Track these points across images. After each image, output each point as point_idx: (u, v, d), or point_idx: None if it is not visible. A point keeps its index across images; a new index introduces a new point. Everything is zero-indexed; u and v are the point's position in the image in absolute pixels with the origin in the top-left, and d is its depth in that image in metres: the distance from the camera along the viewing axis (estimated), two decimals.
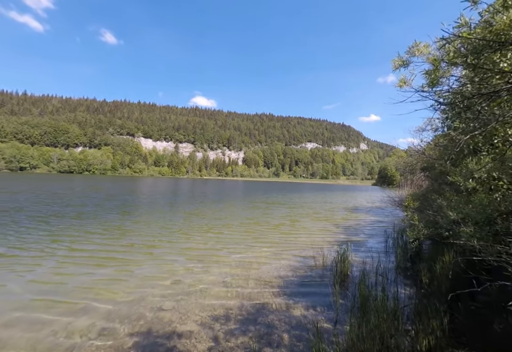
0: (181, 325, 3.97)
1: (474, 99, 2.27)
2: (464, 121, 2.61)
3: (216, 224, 11.83)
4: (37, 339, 3.52)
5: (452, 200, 3.04)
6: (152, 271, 6.07)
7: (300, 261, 6.90)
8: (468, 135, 2.26)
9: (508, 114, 2.45)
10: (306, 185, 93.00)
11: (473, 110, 2.39)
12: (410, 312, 4.17)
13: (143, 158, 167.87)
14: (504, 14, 1.54)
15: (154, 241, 8.60)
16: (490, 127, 2.80)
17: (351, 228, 11.77)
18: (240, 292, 5.08)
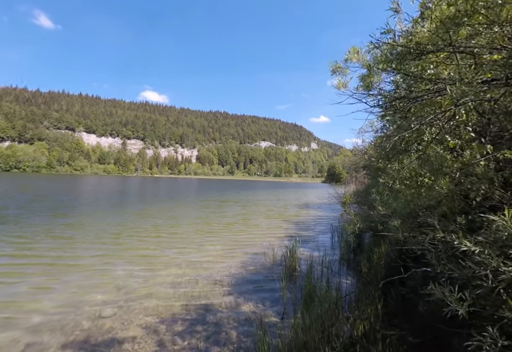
0: (123, 331, 3.71)
1: (402, 102, 2.52)
2: (392, 123, 2.87)
3: (164, 224, 11.33)
4: None
5: (384, 195, 3.33)
6: (90, 277, 5.56)
7: (250, 258, 6.95)
8: (396, 136, 2.47)
9: (429, 117, 2.74)
10: (260, 183, 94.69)
11: (401, 113, 2.65)
12: (351, 300, 4.48)
13: (85, 154, 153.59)
14: (421, 25, 1.70)
15: (92, 244, 7.89)
16: (415, 128, 3.13)
17: (301, 224, 12.27)
18: (189, 292, 4.93)
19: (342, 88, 2.54)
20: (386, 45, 1.79)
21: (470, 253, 1.57)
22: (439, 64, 2.68)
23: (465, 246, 1.56)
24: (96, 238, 8.63)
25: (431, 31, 1.76)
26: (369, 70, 2.31)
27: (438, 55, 2.43)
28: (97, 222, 11.25)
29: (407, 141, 3.63)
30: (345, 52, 2.76)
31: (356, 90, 2.54)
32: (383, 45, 1.81)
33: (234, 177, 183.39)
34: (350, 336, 3.23)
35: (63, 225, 10.44)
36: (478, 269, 1.49)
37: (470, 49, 1.89)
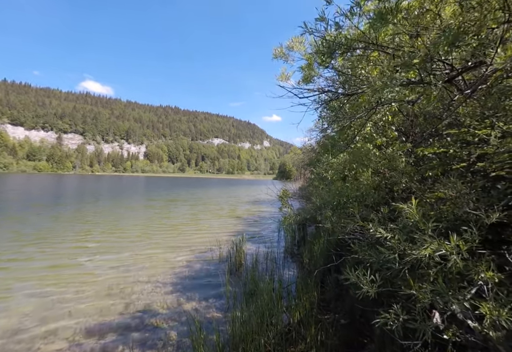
0: (47, 345, 3.33)
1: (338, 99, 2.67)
2: (326, 119, 3.03)
3: (101, 227, 10.46)
4: None
5: (320, 188, 3.51)
6: (22, 277, 4.86)
7: (197, 257, 6.79)
8: (326, 132, 2.59)
9: (359, 115, 2.93)
10: (212, 180, 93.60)
11: (335, 110, 2.81)
12: (292, 290, 4.65)
13: (9, 150, 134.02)
14: (350, 20, 1.79)
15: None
16: (347, 125, 3.34)
17: (250, 220, 12.41)
18: (127, 297, 4.60)
19: (284, 80, 2.55)
20: (318, 32, 1.83)
21: (383, 240, 1.71)
22: (369, 63, 2.88)
23: (379, 233, 1.70)
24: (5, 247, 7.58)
25: (357, 26, 1.86)
26: (309, 62, 2.36)
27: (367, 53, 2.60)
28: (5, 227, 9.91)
29: (346, 138, 3.87)
30: None
31: (297, 84, 2.58)
32: (314, 32, 1.85)
33: (186, 175, 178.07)
34: (288, 324, 3.35)
35: None
36: (388, 253, 1.63)
37: (392, 49, 2.06)
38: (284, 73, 2.81)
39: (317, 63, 2.69)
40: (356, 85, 2.78)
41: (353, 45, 1.95)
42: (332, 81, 2.83)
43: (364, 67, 2.68)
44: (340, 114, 2.76)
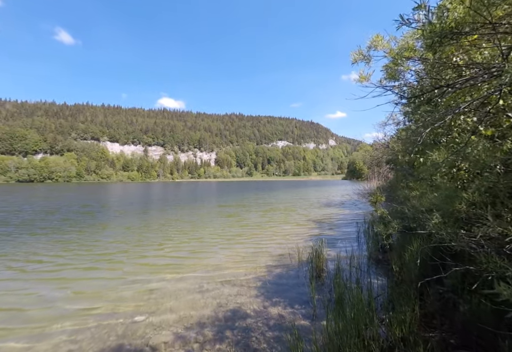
0: (155, 337, 3.76)
1: (432, 92, 2.34)
2: (422, 114, 2.70)
3: (187, 227, 11.53)
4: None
5: (417, 190, 3.14)
6: (120, 282, 5.72)
7: (275, 260, 6.87)
8: (428, 128, 2.31)
9: (463, 106, 2.54)
10: (279, 183, 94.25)
11: (431, 103, 2.47)
12: (383, 301, 4.28)
13: (110, 163, 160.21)
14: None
15: (118, 246, 8.15)
16: (448, 119, 2.93)
17: (324, 223, 12.02)
18: (216, 295, 4.93)
19: (364, 81, 2.41)
20: (418, 23, 1.65)
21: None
22: (470, 48, 2.48)
23: None
24: (121, 242, 8.91)
25: (469, 6, 1.60)
26: (394, 58, 2.17)
27: (468, 37, 2.25)
28: (126, 227, 11.65)
29: (436, 134, 3.41)
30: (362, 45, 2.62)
31: (380, 83, 2.40)
32: (413, 23, 1.66)
33: (253, 178, 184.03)
34: (387, 339, 3.08)
35: (87, 232, 10.91)
36: None
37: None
38: (363, 75, 2.65)
39: (402, 58, 2.44)
40: (455, 73, 2.42)
41: (463, 28, 1.68)
42: (424, 73, 2.51)
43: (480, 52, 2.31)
44: (440, 108, 2.42)
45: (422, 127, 2.61)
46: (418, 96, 2.43)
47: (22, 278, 5.99)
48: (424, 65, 2.44)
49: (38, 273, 6.26)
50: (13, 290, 5.35)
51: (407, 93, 2.50)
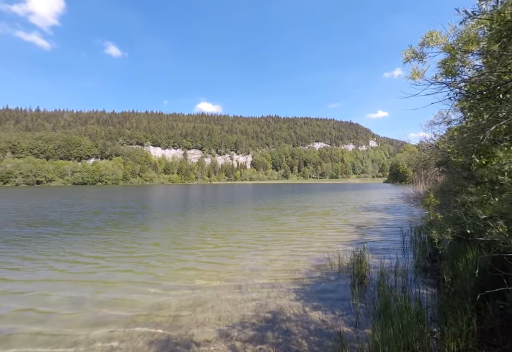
0: (198, 333, 3.93)
1: (497, 87, 2.16)
2: (486, 111, 2.47)
3: (223, 230, 11.81)
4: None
5: (476, 195, 2.89)
6: (168, 275, 6.07)
7: (315, 264, 6.76)
8: (493, 126, 2.13)
9: None
10: (316, 185, 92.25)
11: (494, 99, 2.27)
12: (434, 313, 4.00)
13: (152, 166, 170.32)
14: None
15: (169, 245, 8.62)
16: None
17: (366, 228, 11.53)
18: (256, 297, 5.00)
19: (417, 78, 2.30)
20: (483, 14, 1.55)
21: None
22: None
23: None
24: (170, 240, 9.41)
25: None
26: (451, 53, 2.05)
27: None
28: (170, 227, 12.31)
29: (497, 132, 3.11)
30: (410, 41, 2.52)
31: (434, 79, 2.28)
32: (480, 15, 1.57)
33: (289, 181, 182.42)
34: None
35: (139, 228, 11.68)
36: None
37: None
38: (415, 71, 2.53)
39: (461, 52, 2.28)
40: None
41: None
42: (487, 68, 2.31)
43: None
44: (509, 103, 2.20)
45: (485, 125, 2.42)
46: (481, 92, 2.25)
47: (61, 278, 6.19)
48: (488, 59, 2.26)
49: (77, 274, 6.44)
50: (50, 290, 5.59)
51: (466, 89, 2.32)
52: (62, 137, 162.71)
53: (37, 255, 7.96)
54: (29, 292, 5.42)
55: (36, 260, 7.57)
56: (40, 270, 6.73)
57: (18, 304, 4.91)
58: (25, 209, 21.31)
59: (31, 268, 6.90)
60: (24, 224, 13.28)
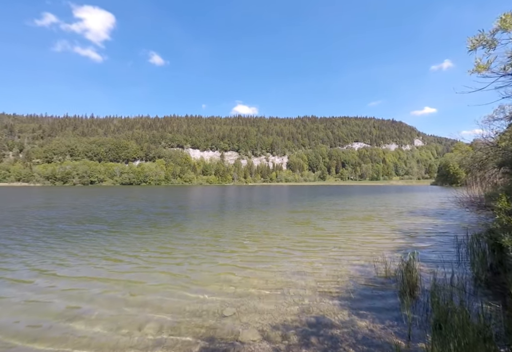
0: (243, 333, 3.99)
1: None
2: None
3: (259, 233, 11.84)
4: (114, 339, 3.84)
5: None
6: (207, 277, 6.25)
7: (359, 270, 6.49)
8: None
9: None
10: (355, 188, 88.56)
11: None
12: (500, 331, 3.61)
13: (192, 167, 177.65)
14: None
15: (208, 245, 8.91)
16: None
17: (414, 234, 10.77)
18: (298, 302, 4.94)
19: (482, 71, 2.10)
20: None
21: None
22: None
23: None
24: (209, 239, 9.72)
25: None
26: None
27: None
28: (205, 226, 12.71)
29: None
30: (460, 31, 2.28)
31: (503, 71, 2.05)
32: None
33: (326, 183, 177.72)
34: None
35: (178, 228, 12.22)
36: None
37: None
38: (480, 63, 2.29)
39: None
40: None
41: None
42: None
43: None
44: None
45: None
46: None
47: (98, 276, 6.41)
48: None
49: (113, 273, 6.61)
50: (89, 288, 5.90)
51: None
52: (112, 141, 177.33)
53: (81, 252, 8.44)
54: (70, 289, 5.81)
55: (79, 256, 8.04)
56: (82, 266, 7.11)
57: (62, 300, 5.35)
58: (77, 206, 23.58)
59: (75, 264, 7.31)
60: (73, 221, 14.63)
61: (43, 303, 5.03)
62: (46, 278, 6.25)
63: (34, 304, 4.99)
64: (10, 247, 9.10)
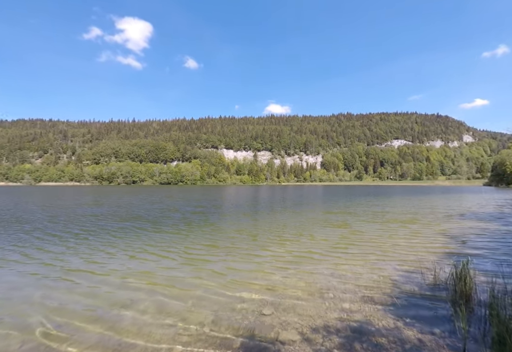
0: (283, 333, 3.98)
1: None
2: None
3: (296, 232, 11.70)
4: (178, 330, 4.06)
5: None
6: (245, 275, 6.34)
7: (404, 276, 6.13)
8: None
9: None
10: (395, 188, 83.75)
11: None
12: None
13: (226, 167, 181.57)
14: None
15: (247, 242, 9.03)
16: None
17: (466, 239, 9.88)
18: (339, 304, 4.81)
19: None
20: None
21: None
22: None
23: None
24: (245, 239, 9.85)
25: None
26: None
27: None
28: (247, 224, 12.90)
29: None
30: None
31: None
32: None
33: (363, 183, 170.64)
34: None
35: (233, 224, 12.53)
36: None
37: None
38: None
39: None
40: None
41: None
42: None
43: None
44: None
45: None
46: None
47: (142, 270, 6.75)
48: None
49: (155, 268, 6.87)
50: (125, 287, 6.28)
51: None
52: (151, 143, 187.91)
53: (126, 247, 9.03)
54: (119, 280, 6.32)
55: (124, 250, 8.64)
56: (128, 260, 7.60)
57: (113, 289, 5.81)
58: (121, 204, 25.33)
59: (121, 257, 7.94)
60: (118, 218, 15.70)
61: (98, 290, 5.52)
62: (99, 268, 6.84)
63: (92, 290, 5.48)
64: (65, 239, 10.06)
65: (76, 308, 4.81)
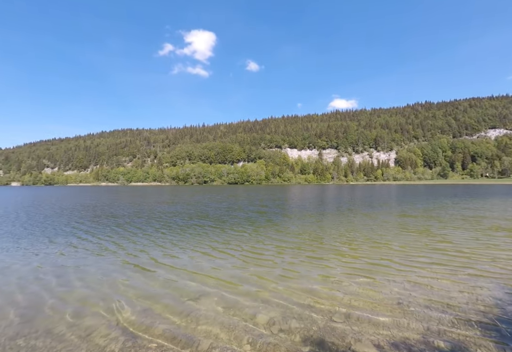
0: (355, 342, 3.75)
1: None
2: None
3: (366, 238, 10.82)
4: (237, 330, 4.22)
5: None
6: (312, 280, 6.18)
7: (508, 297, 5.09)
8: None
9: None
10: (494, 187, 69.73)
11: None
12: None
13: (290, 167, 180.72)
14: None
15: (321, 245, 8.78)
16: None
17: None
18: (423, 322, 4.27)
19: None
20: None
21: None
22: None
23: None
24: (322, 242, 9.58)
25: None
26: None
27: None
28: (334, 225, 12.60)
29: None
30: None
31: None
32: None
33: (449, 181, 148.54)
34: None
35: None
36: None
37: None
38: None
39: None
40: None
41: None
42: None
43: None
44: None
45: None
46: None
47: (209, 267, 7.34)
48: None
49: (219, 266, 7.20)
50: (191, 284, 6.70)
51: None
52: (219, 145, 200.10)
53: (192, 245, 9.61)
54: (191, 273, 6.74)
55: (189, 248, 9.27)
56: (194, 258, 8.10)
57: (186, 282, 6.18)
58: (191, 203, 27.68)
59: (189, 251, 8.73)
60: (186, 216, 17.10)
61: (173, 282, 6.10)
62: (174, 262, 7.56)
63: (167, 281, 6.09)
64: (139, 235, 11.41)
65: (154, 295, 5.38)
